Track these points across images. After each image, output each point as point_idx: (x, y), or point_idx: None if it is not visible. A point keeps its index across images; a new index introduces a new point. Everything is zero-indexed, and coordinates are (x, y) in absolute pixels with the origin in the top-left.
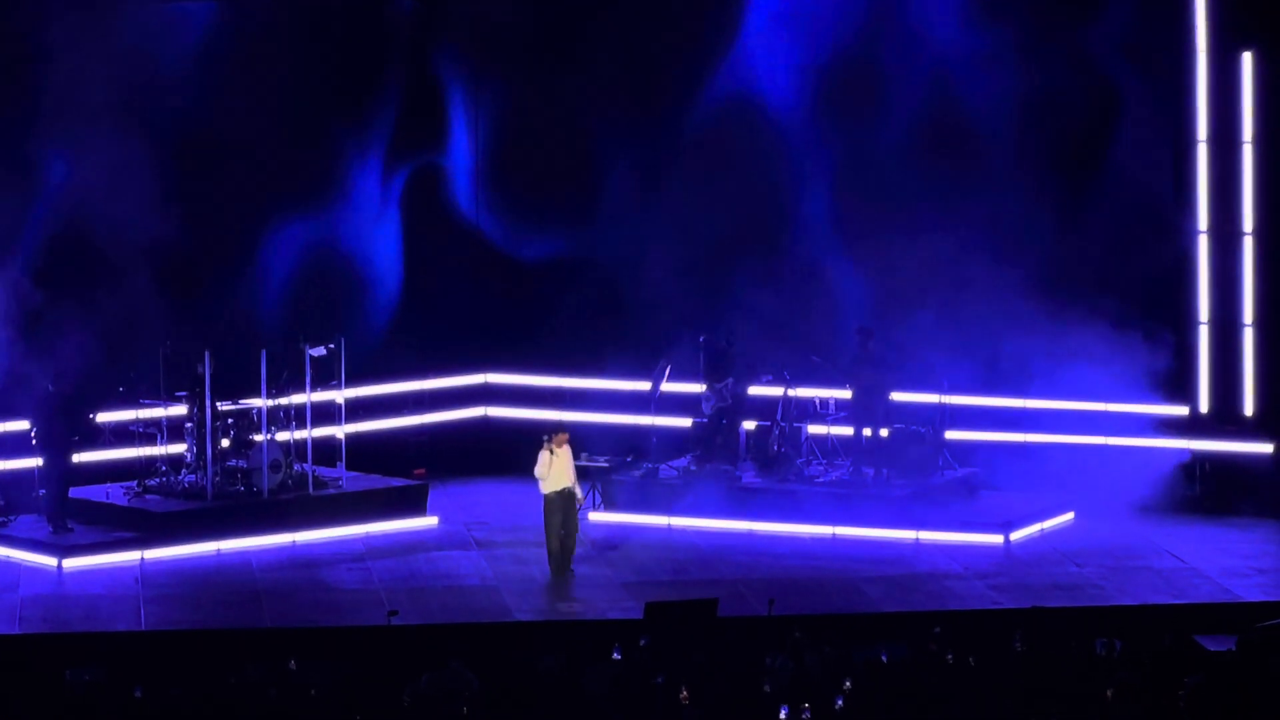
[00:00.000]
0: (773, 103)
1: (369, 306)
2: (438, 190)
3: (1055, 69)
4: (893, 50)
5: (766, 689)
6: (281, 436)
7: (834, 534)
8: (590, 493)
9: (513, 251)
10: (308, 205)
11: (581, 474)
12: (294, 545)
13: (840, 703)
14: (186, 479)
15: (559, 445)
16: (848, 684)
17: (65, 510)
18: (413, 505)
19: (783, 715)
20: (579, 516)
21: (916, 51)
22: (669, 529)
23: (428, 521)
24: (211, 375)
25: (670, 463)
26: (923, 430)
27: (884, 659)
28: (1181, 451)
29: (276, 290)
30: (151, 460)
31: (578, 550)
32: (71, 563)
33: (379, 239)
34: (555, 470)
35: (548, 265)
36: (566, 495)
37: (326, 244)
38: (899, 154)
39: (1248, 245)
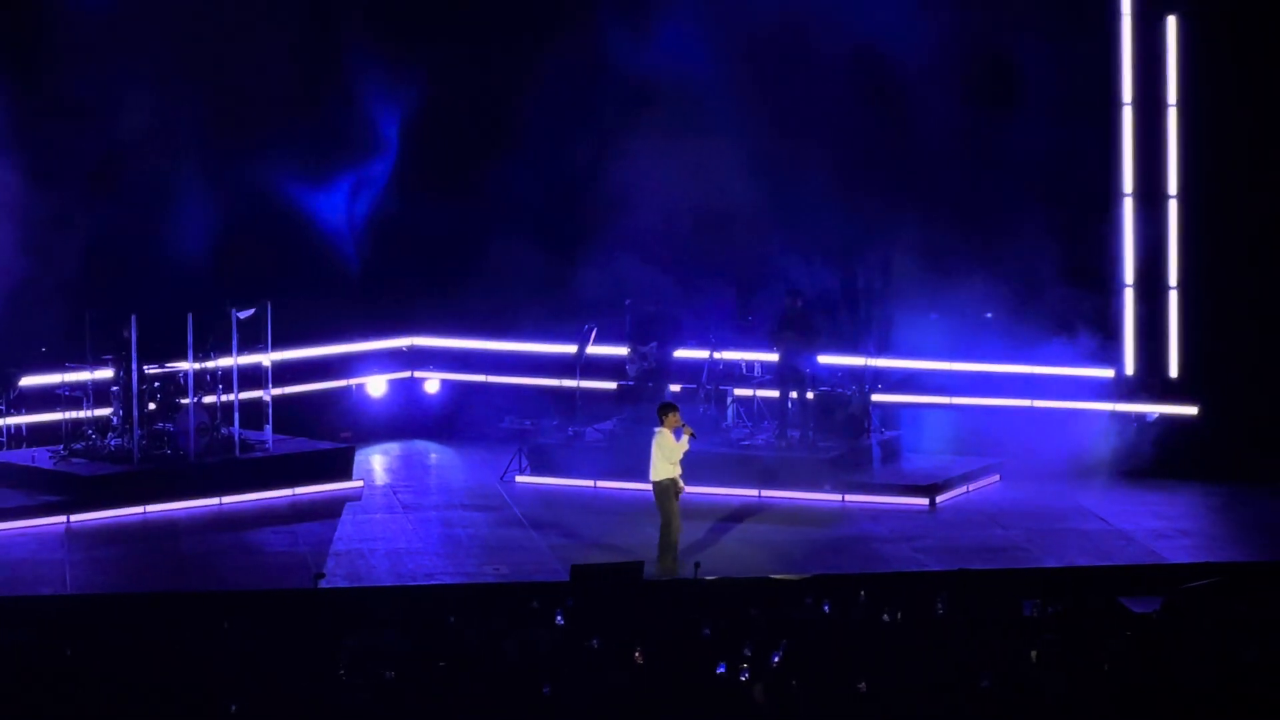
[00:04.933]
0: (697, 65)
1: (296, 270)
2: (363, 154)
3: (982, 33)
4: (818, 11)
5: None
6: (208, 400)
7: (760, 496)
8: (516, 456)
9: (438, 214)
10: (233, 168)
11: (510, 437)
12: (220, 508)
13: (777, 658)
14: (113, 442)
15: (675, 425)
16: (784, 642)
17: None
18: (339, 468)
19: (720, 671)
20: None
21: (841, 11)
22: (594, 491)
23: (354, 484)
24: (138, 339)
25: (596, 425)
26: (849, 393)
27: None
28: (1107, 414)
29: (203, 254)
30: (78, 424)
31: (512, 512)
32: None
33: (305, 203)
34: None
35: (473, 229)
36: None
37: (253, 207)
38: (824, 117)
39: (1172, 208)
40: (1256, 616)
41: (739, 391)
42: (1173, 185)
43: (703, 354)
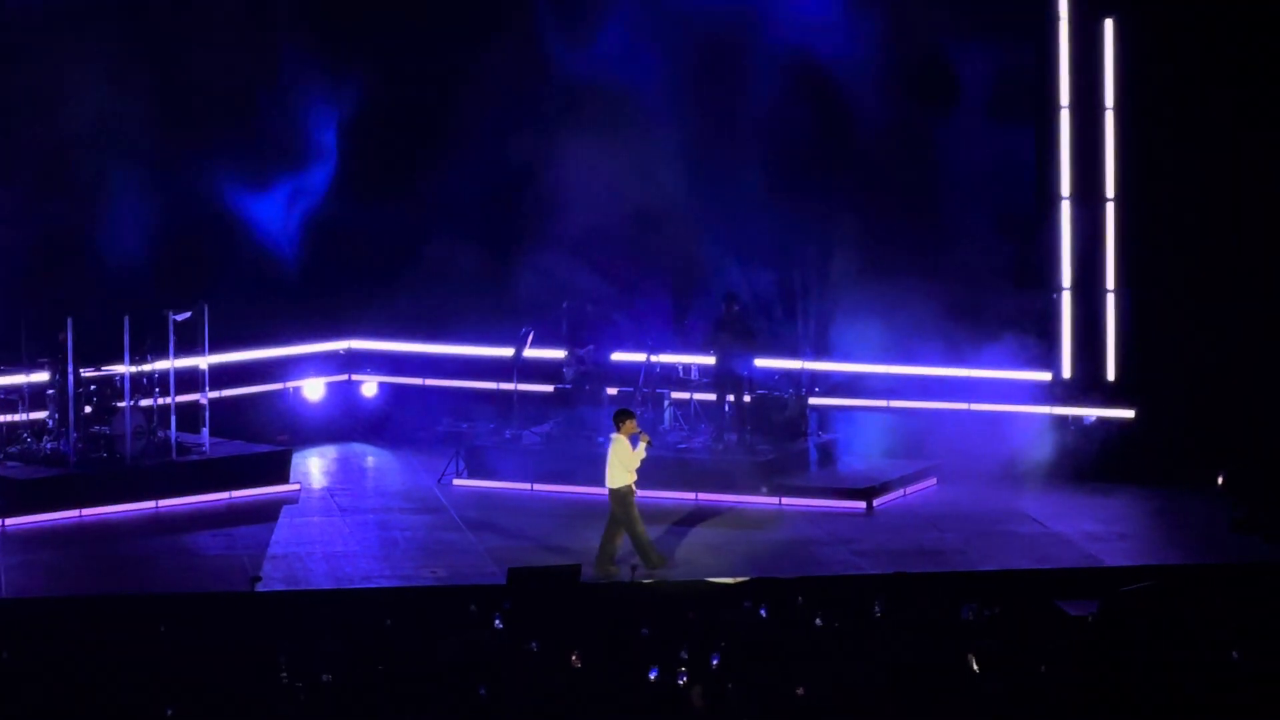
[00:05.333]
0: (634, 66)
1: (233, 272)
2: (300, 157)
3: (919, 36)
4: (754, 24)
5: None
6: (144, 403)
7: (697, 499)
8: (453, 459)
9: (375, 217)
10: (169, 171)
11: (447, 440)
12: (157, 511)
13: (716, 661)
14: (49, 445)
15: (631, 432)
16: (722, 645)
17: None
18: (276, 471)
19: (652, 677)
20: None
21: (777, 25)
22: (532, 494)
23: (291, 488)
24: (74, 342)
25: (533, 429)
26: (786, 396)
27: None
28: (1045, 417)
29: (139, 257)
30: (13, 427)
31: (449, 515)
32: None
33: (242, 206)
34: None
35: (410, 231)
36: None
37: (190, 210)
38: (762, 118)
39: (1110, 211)
40: (1193, 619)
41: (676, 395)
42: (1110, 188)
43: (640, 357)
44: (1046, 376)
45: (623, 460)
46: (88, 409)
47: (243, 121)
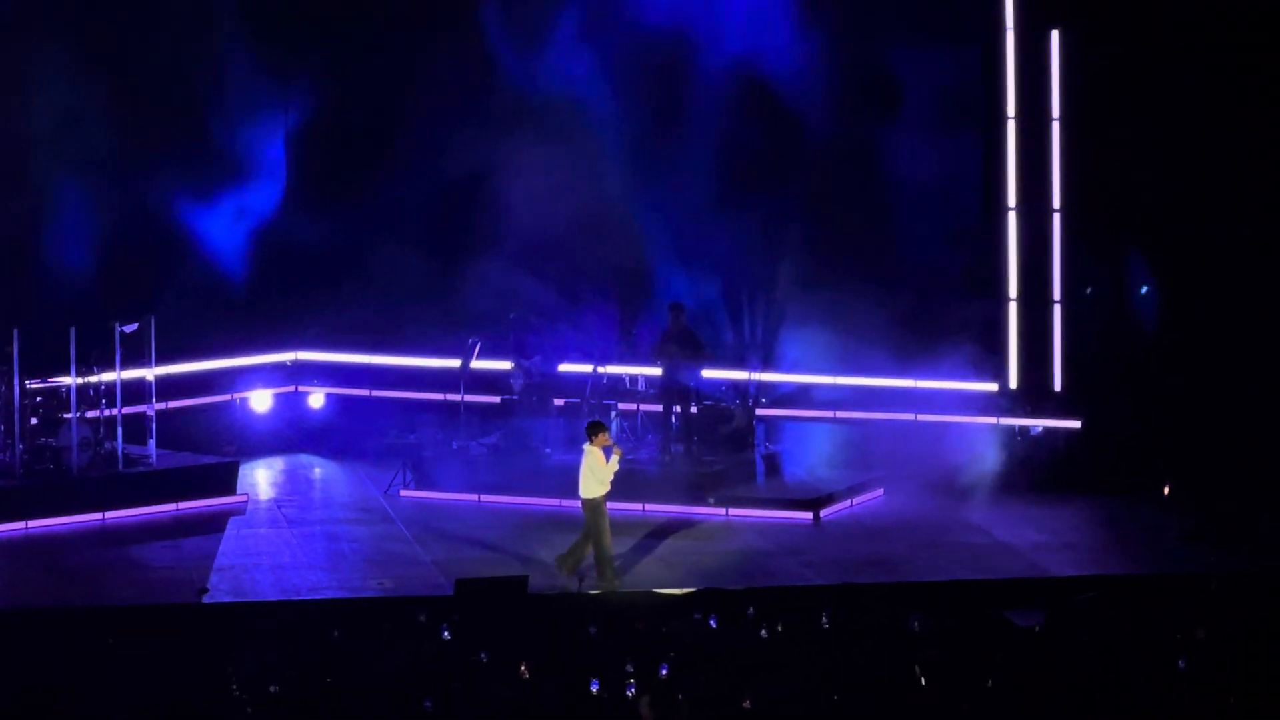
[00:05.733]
0: (582, 78)
1: (180, 283)
2: (247, 168)
3: (867, 46)
4: (701, 34)
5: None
6: (91, 415)
7: (644, 510)
8: (400, 470)
9: (322, 227)
10: (115, 182)
11: (394, 451)
12: (104, 523)
13: (665, 671)
14: None
15: (604, 444)
16: (671, 655)
17: None
18: (223, 483)
19: (594, 689)
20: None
21: (724, 35)
22: (479, 505)
23: (238, 499)
24: (20, 353)
25: (480, 440)
26: (733, 407)
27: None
28: (992, 427)
29: (86, 268)
30: None
31: (396, 526)
32: None
33: (189, 216)
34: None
35: (358, 242)
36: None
37: (136, 221)
38: (709, 129)
39: (1056, 222)
40: (1140, 629)
41: (623, 405)
42: (1057, 198)
43: (587, 368)
44: (993, 387)
45: (595, 471)
46: (34, 421)
47: (189, 132)
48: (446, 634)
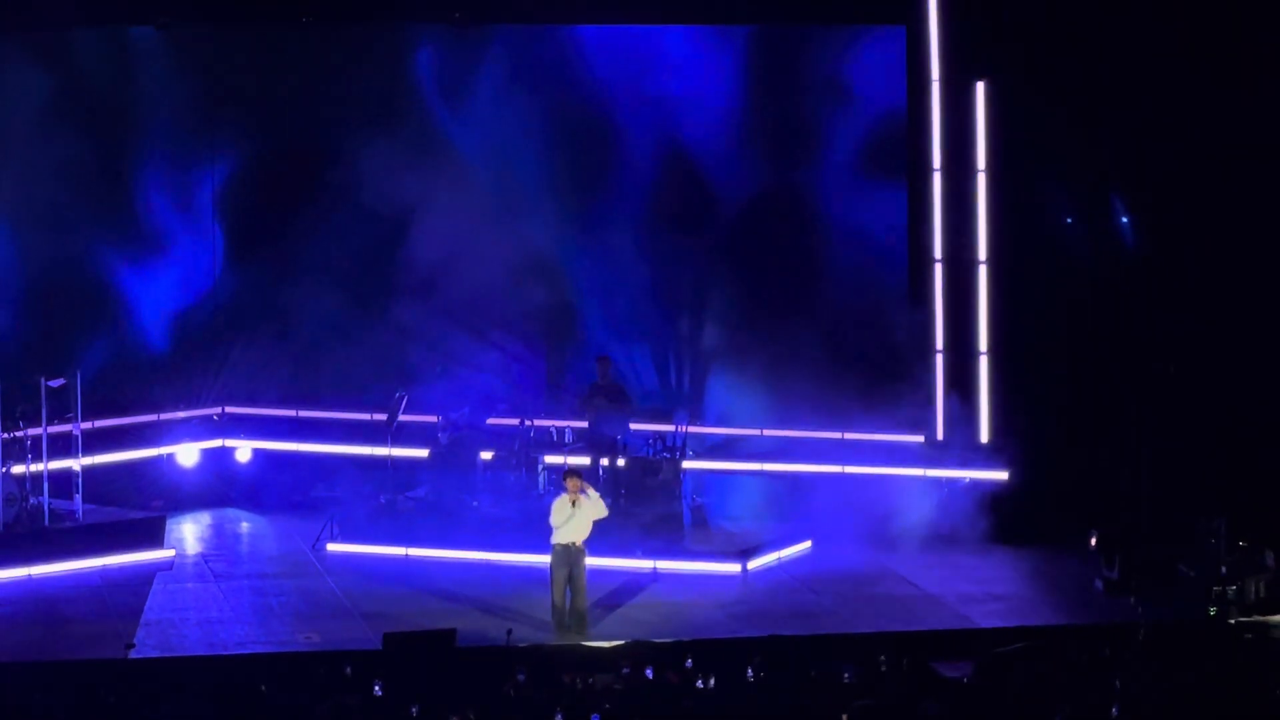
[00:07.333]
0: (510, 142)
1: (106, 337)
2: (173, 220)
3: (791, 98)
4: (629, 84)
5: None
6: (17, 470)
7: None
8: (327, 524)
9: (248, 280)
10: (41, 237)
11: (321, 504)
12: (30, 579)
13: None
14: None
15: (577, 491)
16: (607, 706)
17: None
18: (150, 538)
19: None
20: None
21: (641, 87)
22: (407, 559)
23: (165, 554)
24: None
25: (407, 493)
26: (660, 459)
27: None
28: (919, 479)
29: (11, 322)
30: None
31: (324, 580)
32: None
33: (117, 270)
34: (575, 521)
35: (284, 295)
36: (575, 550)
37: (61, 275)
38: (635, 183)
39: (982, 274)
40: (1067, 679)
41: (550, 458)
42: (982, 250)
43: (514, 420)
44: (920, 439)
45: (555, 519)
46: None
47: (113, 187)
48: (379, 690)
